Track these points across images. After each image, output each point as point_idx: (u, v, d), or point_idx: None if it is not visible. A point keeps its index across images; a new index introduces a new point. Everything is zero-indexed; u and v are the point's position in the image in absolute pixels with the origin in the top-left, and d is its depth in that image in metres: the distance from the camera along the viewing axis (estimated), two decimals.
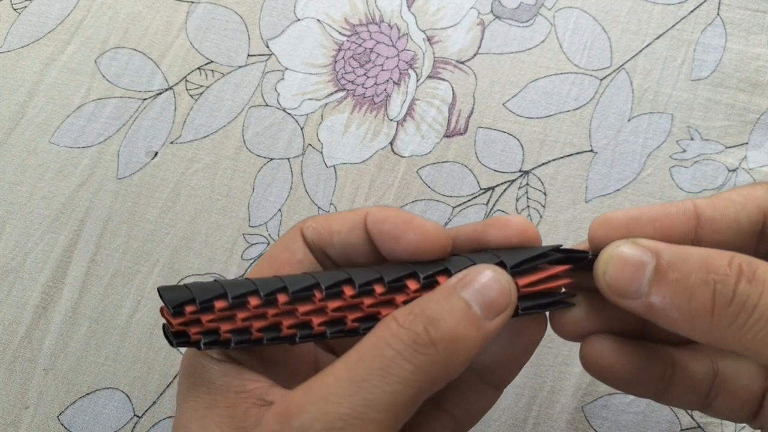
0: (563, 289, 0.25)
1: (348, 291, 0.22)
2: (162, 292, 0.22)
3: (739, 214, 0.24)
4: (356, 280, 0.22)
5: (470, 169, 0.38)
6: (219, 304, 0.22)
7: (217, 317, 0.22)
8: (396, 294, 0.23)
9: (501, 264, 0.23)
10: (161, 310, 0.22)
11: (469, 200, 0.38)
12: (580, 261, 0.24)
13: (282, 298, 0.22)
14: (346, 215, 0.25)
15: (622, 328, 0.26)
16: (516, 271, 0.23)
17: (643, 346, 0.26)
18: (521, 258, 0.23)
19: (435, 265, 0.23)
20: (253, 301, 0.22)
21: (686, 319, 0.21)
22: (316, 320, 0.22)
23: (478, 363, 0.25)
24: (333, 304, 0.22)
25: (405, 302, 0.22)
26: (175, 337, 0.22)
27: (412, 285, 0.23)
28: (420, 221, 0.24)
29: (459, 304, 0.21)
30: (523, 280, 0.23)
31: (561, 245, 0.24)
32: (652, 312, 0.22)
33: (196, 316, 0.22)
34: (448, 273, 0.23)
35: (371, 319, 0.22)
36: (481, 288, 0.22)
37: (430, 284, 0.23)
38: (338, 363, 0.21)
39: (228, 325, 0.22)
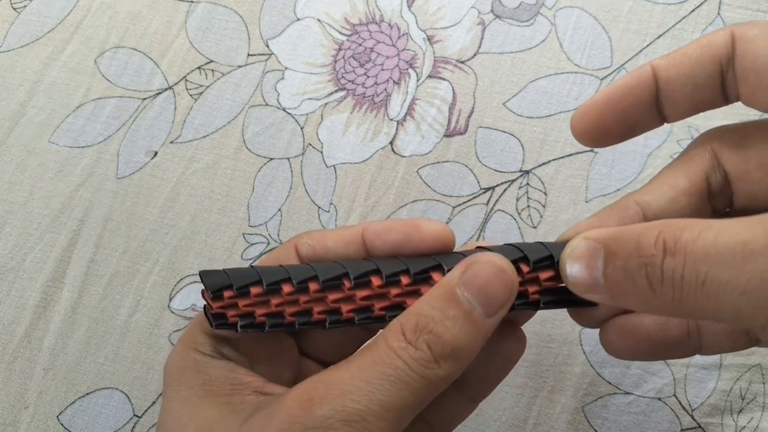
0: None
1: (375, 281, 0.23)
2: (203, 276, 0.23)
3: (695, 69, 0.24)
4: (383, 271, 0.23)
5: (470, 169, 0.38)
6: (255, 290, 0.23)
7: (253, 302, 0.23)
8: (421, 285, 0.24)
9: (525, 258, 0.24)
10: (202, 293, 0.24)
11: (470, 200, 0.38)
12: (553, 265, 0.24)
13: (313, 286, 0.23)
14: (342, 232, 0.26)
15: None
16: (539, 266, 0.24)
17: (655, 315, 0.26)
18: (543, 254, 0.24)
19: (457, 257, 0.24)
20: (286, 288, 0.23)
21: (639, 302, 0.21)
22: (345, 307, 0.23)
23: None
24: (361, 293, 0.23)
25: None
26: (215, 318, 0.23)
27: (437, 277, 0.23)
28: (426, 222, 0.25)
29: (461, 310, 0.22)
30: (545, 274, 0.24)
31: None
32: (613, 300, 0.22)
33: (233, 300, 0.23)
34: None
35: (397, 308, 0.23)
36: (485, 285, 0.22)
37: None
38: (352, 363, 0.22)
39: (263, 309, 0.23)
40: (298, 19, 0.41)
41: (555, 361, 0.35)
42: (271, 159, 0.39)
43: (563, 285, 0.24)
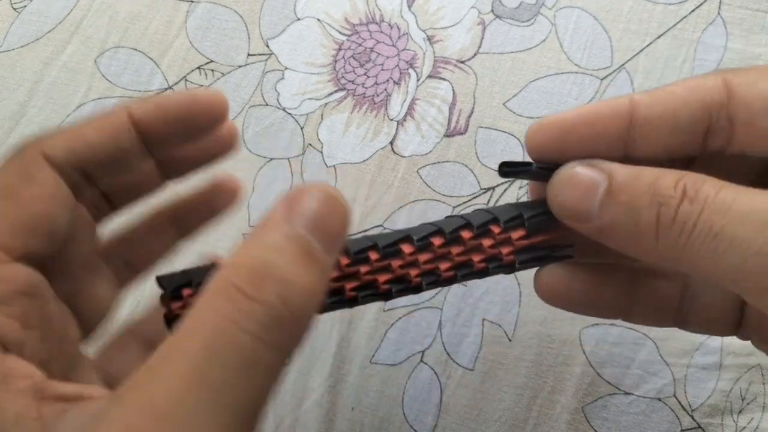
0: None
1: (407, 249, 0.23)
2: (159, 278, 0.22)
3: (679, 111, 0.23)
4: (380, 243, 0.23)
5: (471, 169, 0.38)
6: None
7: None
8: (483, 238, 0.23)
9: (495, 220, 0.23)
10: (160, 298, 0.22)
11: (470, 200, 0.38)
12: (526, 172, 0.24)
13: None
14: (98, 121, 0.22)
15: (582, 251, 0.26)
16: (510, 225, 0.23)
17: (601, 267, 0.26)
18: (513, 214, 0.24)
19: (457, 220, 0.24)
20: None
21: (633, 242, 0.21)
22: (348, 285, 0.22)
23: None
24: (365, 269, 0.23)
25: (491, 246, 0.23)
26: (176, 321, 0.21)
27: (495, 229, 0.23)
28: (199, 91, 0.23)
29: (303, 248, 0.17)
30: (516, 234, 0.23)
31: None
32: (602, 234, 0.22)
33: (194, 298, 0.21)
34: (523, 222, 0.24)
35: (465, 266, 0.23)
36: (320, 217, 0.18)
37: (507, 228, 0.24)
38: (176, 359, 0.15)
39: None
40: (298, 19, 0.41)
41: (555, 362, 0.35)
42: (271, 159, 0.39)
43: (537, 241, 0.24)
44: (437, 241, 0.23)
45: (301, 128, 0.39)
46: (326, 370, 0.35)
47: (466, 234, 0.23)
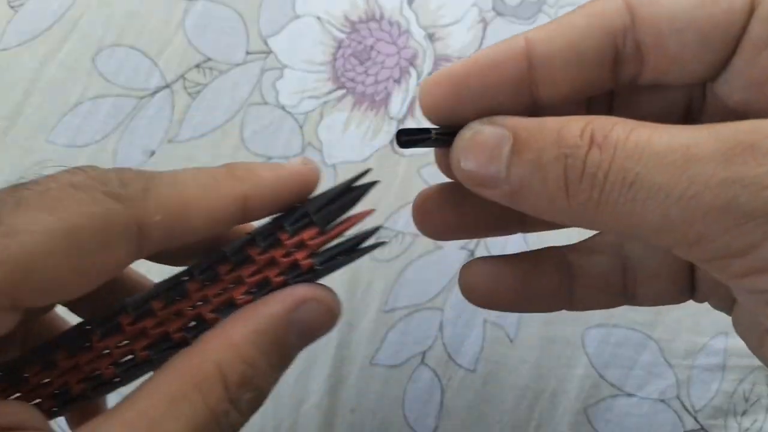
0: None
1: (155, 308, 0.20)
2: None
3: (580, 42, 0.20)
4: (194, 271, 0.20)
5: None
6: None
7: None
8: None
9: (280, 227, 0.21)
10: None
11: None
12: (425, 140, 0.21)
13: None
14: (210, 201, 0.19)
15: (488, 219, 0.24)
16: (298, 227, 0.21)
17: (527, 258, 0.24)
18: (298, 214, 0.21)
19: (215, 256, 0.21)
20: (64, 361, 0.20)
21: (545, 203, 0.19)
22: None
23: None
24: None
25: (284, 255, 0.20)
26: None
27: (284, 236, 0.21)
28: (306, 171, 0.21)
29: (284, 355, 0.19)
30: (308, 233, 0.21)
31: (359, 177, 0.22)
32: (513, 199, 0.19)
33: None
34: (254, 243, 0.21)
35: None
36: (313, 328, 0.20)
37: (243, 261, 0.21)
38: (158, 413, 0.17)
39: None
40: (298, 17, 0.41)
41: (557, 363, 0.35)
42: (270, 158, 0.39)
43: (335, 235, 0.21)
44: (223, 269, 0.20)
45: (301, 127, 0.39)
46: (325, 371, 0.35)
47: (253, 251, 0.21)
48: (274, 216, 0.21)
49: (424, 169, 0.38)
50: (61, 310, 0.23)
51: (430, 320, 0.35)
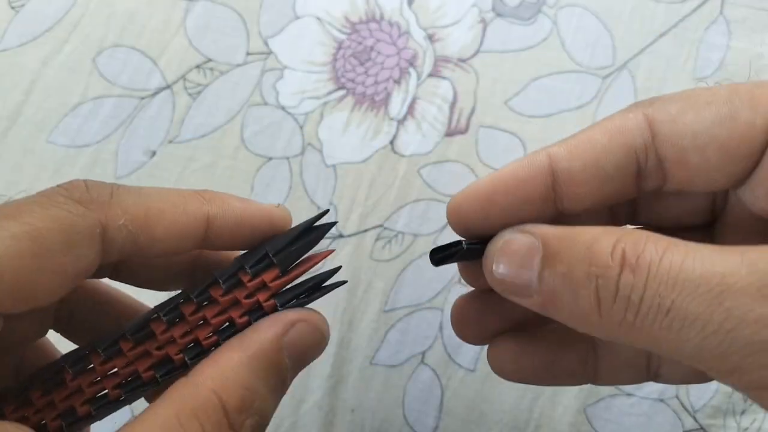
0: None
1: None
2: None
3: (601, 158, 0.20)
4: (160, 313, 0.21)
5: (471, 169, 0.38)
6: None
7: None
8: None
9: (241, 268, 0.21)
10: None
11: None
12: (456, 253, 0.22)
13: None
14: (177, 216, 0.20)
15: (527, 320, 0.24)
16: (258, 269, 0.21)
17: (553, 336, 0.24)
18: (257, 256, 0.21)
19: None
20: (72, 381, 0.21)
21: (577, 318, 0.19)
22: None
23: None
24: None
25: (247, 296, 0.21)
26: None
27: (245, 277, 0.21)
28: (275, 211, 0.21)
29: (282, 378, 0.20)
30: (270, 275, 0.21)
31: (319, 217, 0.22)
32: (546, 309, 0.19)
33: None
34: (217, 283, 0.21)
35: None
36: (306, 350, 0.20)
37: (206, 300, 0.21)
38: None
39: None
40: (298, 18, 0.41)
41: None
42: (271, 158, 0.39)
43: (296, 276, 0.21)
44: (188, 309, 0.21)
45: (301, 127, 0.39)
46: (326, 371, 0.35)
47: (216, 292, 0.21)
48: (236, 257, 0.21)
49: (424, 169, 0.38)
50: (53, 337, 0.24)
51: (430, 320, 0.35)
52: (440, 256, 0.22)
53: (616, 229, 0.18)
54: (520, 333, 0.24)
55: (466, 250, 0.21)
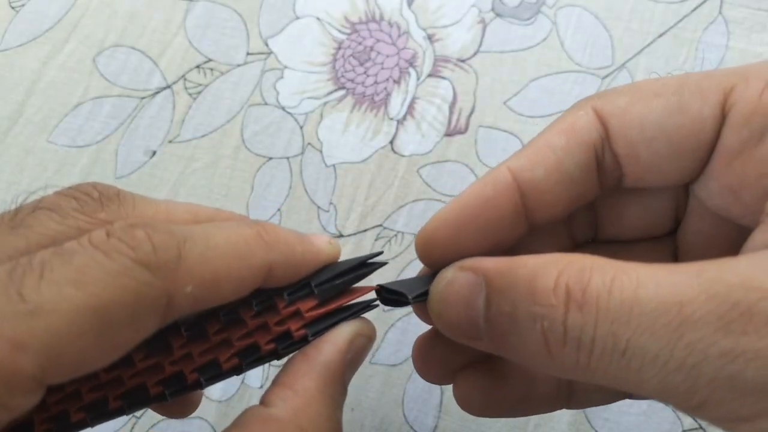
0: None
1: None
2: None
3: (562, 161, 0.20)
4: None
5: (471, 169, 0.38)
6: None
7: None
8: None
9: (278, 293, 0.20)
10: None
11: None
12: (404, 303, 0.21)
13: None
14: (241, 269, 0.19)
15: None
16: (295, 297, 0.20)
17: (523, 366, 0.22)
18: (326, 277, 0.21)
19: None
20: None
21: (530, 361, 0.17)
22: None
23: None
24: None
25: (277, 323, 0.20)
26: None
27: (280, 303, 0.20)
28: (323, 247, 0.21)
29: (337, 401, 0.20)
30: (306, 305, 0.20)
31: (372, 257, 0.22)
32: (499, 351, 0.18)
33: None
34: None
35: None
36: (359, 361, 0.21)
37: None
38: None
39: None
40: (298, 18, 0.41)
41: None
42: (271, 158, 0.39)
43: (333, 308, 0.20)
44: (212, 327, 0.20)
45: (301, 127, 0.39)
46: None
47: (246, 314, 0.20)
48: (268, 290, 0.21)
49: (423, 169, 0.38)
50: None
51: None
52: (389, 298, 0.22)
53: (558, 258, 0.17)
54: (488, 364, 0.23)
55: (412, 300, 0.20)
